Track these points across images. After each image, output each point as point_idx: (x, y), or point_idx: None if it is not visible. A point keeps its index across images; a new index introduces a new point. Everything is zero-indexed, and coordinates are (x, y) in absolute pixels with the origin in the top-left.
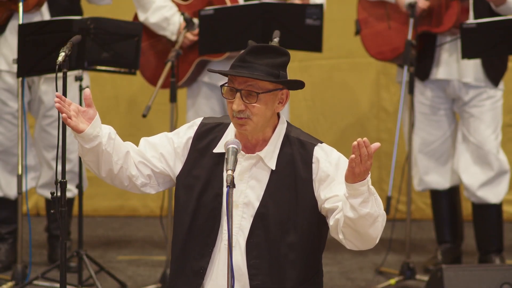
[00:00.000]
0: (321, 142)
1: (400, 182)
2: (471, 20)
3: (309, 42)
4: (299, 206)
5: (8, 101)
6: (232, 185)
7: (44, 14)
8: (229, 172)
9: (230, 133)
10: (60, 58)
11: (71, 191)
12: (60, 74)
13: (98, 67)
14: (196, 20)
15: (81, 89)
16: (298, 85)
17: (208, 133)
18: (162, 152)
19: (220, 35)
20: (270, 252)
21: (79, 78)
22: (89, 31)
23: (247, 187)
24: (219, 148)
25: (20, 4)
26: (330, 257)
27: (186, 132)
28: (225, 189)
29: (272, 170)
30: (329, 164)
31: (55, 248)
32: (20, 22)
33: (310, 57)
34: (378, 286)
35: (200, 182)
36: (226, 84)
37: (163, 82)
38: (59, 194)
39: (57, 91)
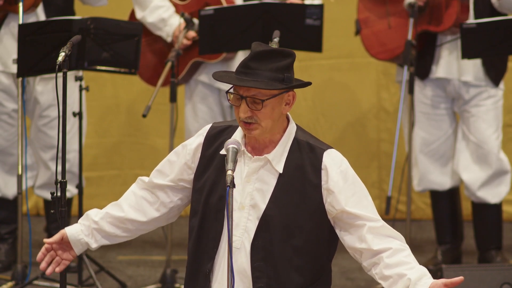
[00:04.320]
0: (330, 148)
1: (400, 182)
2: (471, 20)
3: (309, 42)
4: (306, 211)
5: (4, 101)
6: (232, 185)
7: (40, 15)
8: (229, 172)
9: (237, 135)
10: (60, 58)
11: (69, 191)
12: (60, 74)
13: (98, 67)
14: (196, 20)
15: (81, 89)
16: (303, 86)
17: (218, 136)
18: (176, 170)
19: (220, 35)
20: (275, 255)
21: (79, 78)
22: (89, 31)
23: (253, 189)
24: (224, 150)
25: (20, 4)
26: None
27: (195, 140)
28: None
29: (280, 173)
30: (337, 175)
31: None
32: (20, 22)
33: (310, 57)
34: (378, 286)
35: (208, 185)
36: (231, 91)
37: (163, 82)
38: (59, 194)
39: (57, 90)
